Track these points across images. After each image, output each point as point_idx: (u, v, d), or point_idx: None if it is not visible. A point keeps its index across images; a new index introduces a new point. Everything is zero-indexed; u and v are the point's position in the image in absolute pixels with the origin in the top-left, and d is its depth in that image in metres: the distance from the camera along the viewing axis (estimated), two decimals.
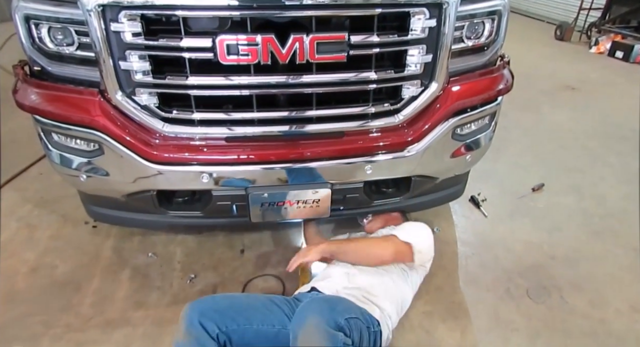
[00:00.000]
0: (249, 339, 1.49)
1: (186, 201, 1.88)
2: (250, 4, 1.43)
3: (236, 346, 1.48)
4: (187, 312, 1.48)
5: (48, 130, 1.73)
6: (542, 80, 5.13)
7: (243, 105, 1.64)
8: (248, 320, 1.50)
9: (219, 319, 1.46)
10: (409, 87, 1.74)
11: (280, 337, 1.51)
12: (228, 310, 1.51)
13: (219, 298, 1.62)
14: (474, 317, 1.93)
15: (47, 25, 1.53)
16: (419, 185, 1.95)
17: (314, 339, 1.30)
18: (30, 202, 2.61)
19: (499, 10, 1.82)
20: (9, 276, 2.07)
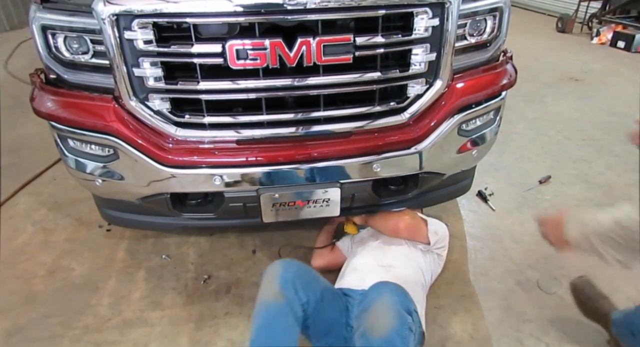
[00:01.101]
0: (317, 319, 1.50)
1: (199, 203, 1.92)
2: (258, 10, 1.47)
3: (310, 321, 1.48)
4: (280, 272, 1.46)
5: (64, 136, 1.78)
6: (545, 72, 5.13)
7: (252, 108, 1.68)
8: (326, 301, 1.51)
9: (309, 288, 1.46)
10: (414, 86, 1.77)
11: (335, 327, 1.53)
12: (314, 281, 1.52)
13: (304, 266, 1.59)
14: (486, 309, 1.96)
15: (63, 34, 1.58)
16: (427, 181, 1.98)
17: (387, 314, 1.32)
18: (45, 206, 2.66)
19: (500, 7, 1.85)
20: (27, 278, 2.12)
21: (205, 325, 1.88)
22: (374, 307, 1.35)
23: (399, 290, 1.44)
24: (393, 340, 1.28)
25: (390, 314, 1.32)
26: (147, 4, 1.45)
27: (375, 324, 1.31)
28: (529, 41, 6.56)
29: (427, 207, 2.42)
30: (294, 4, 1.47)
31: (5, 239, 2.40)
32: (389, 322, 1.30)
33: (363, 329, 1.34)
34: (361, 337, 1.33)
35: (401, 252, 1.88)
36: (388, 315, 1.32)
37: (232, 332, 1.84)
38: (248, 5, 1.45)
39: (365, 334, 1.32)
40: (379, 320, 1.32)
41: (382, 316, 1.32)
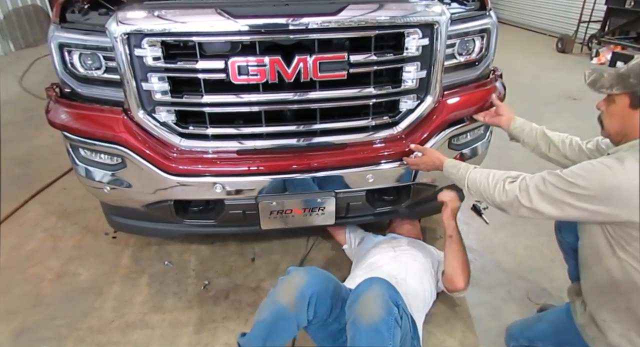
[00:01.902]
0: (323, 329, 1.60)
1: (201, 210, 2.01)
2: (261, 29, 1.59)
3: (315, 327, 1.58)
4: (302, 285, 1.51)
5: (76, 145, 1.89)
6: (543, 90, 5.24)
7: (252, 121, 1.79)
8: (334, 315, 1.58)
9: (324, 304, 1.53)
10: (406, 101, 1.88)
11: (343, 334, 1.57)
12: (332, 297, 1.57)
13: (325, 280, 1.61)
14: (475, 318, 2.02)
15: (78, 51, 1.71)
16: (419, 192, 2.07)
17: (374, 304, 1.39)
18: (54, 215, 2.77)
19: (488, 28, 1.96)
20: (35, 282, 2.21)
21: (204, 328, 1.95)
22: (363, 297, 1.43)
23: (387, 284, 1.51)
24: (380, 328, 1.35)
25: (378, 303, 1.39)
26: (156, 24, 1.57)
27: (364, 312, 1.38)
28: (528, 60, 6.70)
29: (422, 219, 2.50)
30: (297, 24, 1.59)
31: (15, 245, 2.50)
32: (377, 311, 1.37)
33: (353, 318, 1.41)
34: (351, 326, 1.40)
35: (415, 268, 1.91)
36: (376, 304, 1.39)
37: (229, 335, 1.91)
38: (253, 25, 1.57)
39: (354, 323, 1.39)
40: (367, 309, 1.39)
41: (370, 306, 1.39)
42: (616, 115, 1.35)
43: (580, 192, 1.26)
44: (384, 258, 1.95)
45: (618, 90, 1.31)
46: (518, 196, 1.39)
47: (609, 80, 1.33)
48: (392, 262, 1.91)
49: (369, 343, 1.35)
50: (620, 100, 1.32)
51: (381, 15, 1.67)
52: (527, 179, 1.40)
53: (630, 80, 1.28)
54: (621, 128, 1.34)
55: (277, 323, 1.49)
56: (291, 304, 1.48)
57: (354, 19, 1.63)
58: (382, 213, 2.12)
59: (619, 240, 1.29)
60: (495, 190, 1.47)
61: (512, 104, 2.15)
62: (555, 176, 1.32)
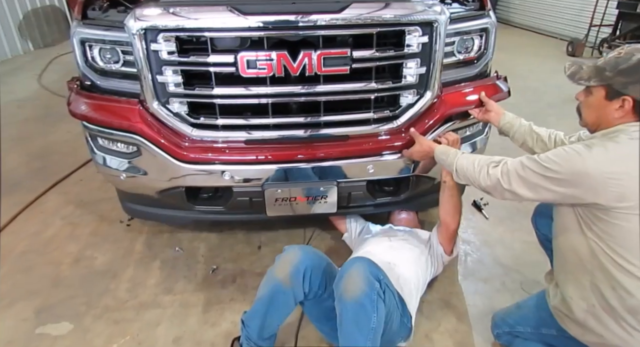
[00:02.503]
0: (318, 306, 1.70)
1: (210, 197, 2.13)
2: (267, 26, 1.70)
3: (310, 304, 1.68)
4: (296, 261, 1.62)
5: (94, 135, 2.02)
6: (550, 93, 5.28)
7: (260, 113, 1.90)
8: (329, 291, 1.67)
9: (317, 278, 1.64)
10: (406, 96, 1.97)
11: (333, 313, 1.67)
12: (323, 274, 1.68)
13: (317, 258, 1.72)
14: (470, 305, 2.09)
15: (99, 46, 1.83)
16: (418, 184, 2.16)
17: (357, 279, 1.49)
18: (72, 204, 2.91)
19: (487, 27, 2.05)
20: (55, 265, 2.34)
21: (212, 309, 2.06)
22: (346, 275, 1.52)
23: (369, 261, 1.61)
24: (363, 302, 1.45)
25: (360, 278, 1.49)
26: (171, 20, 1.69)
27: (347, 288, 1.48)
28: (538, 64, 6.73)
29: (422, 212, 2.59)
30: (302, 21, 1.70)
31: (36, 231, 2.64)
32: (359, 286, 1.47)
33: (339, 295, 1.51)
34: (338, 303, 1.51)
35: (408, 256, 2.00)
36: (358, 279, 1.49)
37: (236, 315, 2.01)
38: (262, 21, 1.68)
39: (340, 299, 1.49)
40: (351, 285, 1.48)
41: (353, 281, 1.49)
42: (593, 106, 1.44)
43: (554, 176, 1.36)
44: (380, 247, 2.04)
45: (595, 83, 1.40)
46: (500, 180, 1.49)
47: (587, 72, 1.42)
48: (387, 251, 2.00)
49: (354, 316, 1.45)
50: (597, 92, 1.41)
51: (383, 13, 1.77)
52: (509, 164, 1.50)
53: (607, 74, 1.36)
54: (597, 118, 1.43)
55: (274, 298, 1.61)
56: (286, 279, 1.59)
57: (357, 17, 1.73)
58: (382, 204, 2.22)
59: (586, 220, 1.39)
60: (480, 175, 1.57)
61: (519, 106, 2.23)
62: (533, 161, 1.42)
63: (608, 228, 1.34)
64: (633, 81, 1.32)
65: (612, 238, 1.34)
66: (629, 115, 1.36)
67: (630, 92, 1.33)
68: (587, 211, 1.38)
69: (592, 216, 1.37)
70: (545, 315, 1.62)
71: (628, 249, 1.32)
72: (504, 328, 1.80)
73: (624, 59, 1.35)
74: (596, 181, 1.29)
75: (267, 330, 1.65)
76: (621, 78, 1.34)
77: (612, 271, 1.36)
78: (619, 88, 1.35)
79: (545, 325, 1.64)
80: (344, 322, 1.48)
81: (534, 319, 1.69)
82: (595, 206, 1.33)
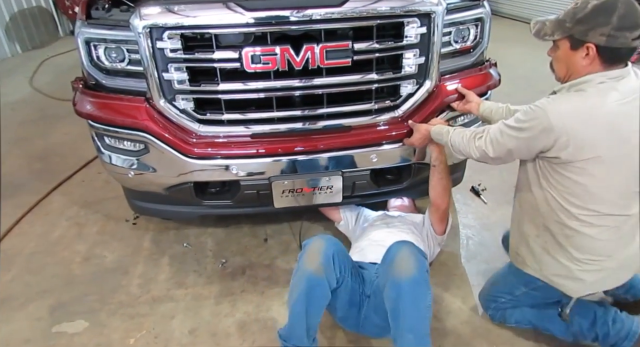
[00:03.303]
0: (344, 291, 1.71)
1: (218, 192, 2.17)
2: (270, 21, 1.74)
3: (338, 291, 1.69)
4: (323, 248, 1.64)
5: (101, 134, 2.04)
6: (542, 82, 5.34)
7: (264, 107, 1.94)
8: (352, 275, 1.73)
9: (343, 262, 1.68)
10: (406, 86, 2.02)
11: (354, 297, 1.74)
12: (347, 258, 1.73)
13: (340, 243, 1.75)
14: (474, 285, 2.16)
15: (104, 45, 1.85)
16: (420, 172, 2.22)
17: (410, 260, 1.55)
18: (76, 204, 2.93)
19: (482, 17, 2.10)
20: (65, 264, 2.38)
21: (224, 300, 2.11)
22: (398, 258, 1.57)
23: (412, 243, 1.68)
24: (418, 279, 1.51)
25: (413, 258, 1.55)
26: (175, 18, 1.72)
27: (402, 268, 1.53)
28: (528, 53, 6.79)
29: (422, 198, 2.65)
30: (300, 16, 1.74)
31: (43, 232, 2.66)
32: (414, 264, 1.53)
33: (392, 279, 1.54)
34: (392, 286, 1.53)
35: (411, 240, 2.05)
36: (411, 260, 1.55)
37: (248, 305, 2.07)
38: (265, 17, 1.72)
39: (394, 282, 1.52)
40: (405, 265, 1.53)
41: (407, 262, 1.54)
42: (561, 59, 1.51)
43: (527, 135, 1.47)
44: (381, 233, 2.12)
45: (558, 36, 1.48)
46: (485, 150, 1.61)
47: (550, 27, 1.50)
48: (388, 236, 2.07)
49: (412, 295, 1.50)
50: (562, 45, 1.49)
51: (382, 6, 1.80)
52: (490, 133, 1.60)
53: (567, 25, 1.44)
54: (567, 70, 1.51)
55: (311, 293, 1.59)
56: (319, 268, 1.59)
57: (357, 10, 1.77)
58: (385, 192, 2.27)
59: (545, 173, 1.54)
60: (469, 148, 1.67)
61: (512, 94, 2.29)
62: (508, 126, 1.54)
63: (562, 179, 1.49)
64: (591, 27, 1.39)
65: (564, 188, 1.50)
66: (596, 61, 1.42)
67: (591, 39, 1.39)
68: (548, 165, 1.52)
69: (550, 169, 1.51)
70: (512, 277, 1.82)
71: (575, 196, 1.49)
72: (491, 305, 1.91)
73: (580, 8, 1.42)
74: (560, 134, 1.39)
75: (312, 329, 1.63)
76: (580, 26, 1.41)
77: (560, 215, 1.54)
78: (580, 36, 1.42)
79: (515, 286, 1.81)
80: (402, 301, 1.50)
81: (506, 286, 1.85)
82: (555, 160, 1.46)
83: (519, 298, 1.82)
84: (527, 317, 1.84)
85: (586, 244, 1.54)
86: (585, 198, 1.48)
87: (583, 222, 1.51)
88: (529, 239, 1.68)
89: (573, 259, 1.57)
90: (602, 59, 1.41)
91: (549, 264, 1.63)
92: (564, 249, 1.58)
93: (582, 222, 1.51)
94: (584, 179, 1.45)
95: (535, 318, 1.82)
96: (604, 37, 1.37)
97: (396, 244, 1.68)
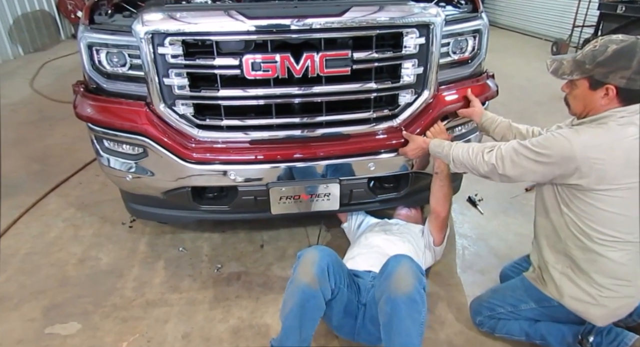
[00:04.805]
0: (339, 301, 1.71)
1: (215, 197, 2.18)
2: (270, 29, 1.76)
3: (333, 302, 1.68)
4: (317, 259, 1.62)
5: (100, 137, 2.05)
6: (537, 92, 5.41)
7: (263, 113, 1.95)
8: (347, 285, 1.72)
9: (338, 273, 1.68)
10: (404, 95, 2.04)
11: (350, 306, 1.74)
12: (341, 268, 1.73)
13: (334, 254, 1.74)
14: (469, 296, 2.16)
15: (106, 50, 1.87)
16: (417, 181, 2.23)
17: (408, 276, 1.55)
18: (73, 206, 2.93)
19: (480, 29, 2.13)
20: (60, 265, 2.37)
21: (219, 305, 2.11)
22: (397, 272, 1.57)
23: (411, 258, 1.67)
24: (414, 296, 1.51)
25: (411, 274, 1.55)
26: (177, 24, 1.74)
27: (400, 284, 1.53)
28: (524, 63, 6.89)
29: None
30: (305, 25, 1.76)
31: (39, 233, 2.66)
32: (411, 281, 1.53)
33: (388, 293, 1.54)
34: (387, 301, 1.52)
35: (406, 249, 2.08)
36: (409, 276, 1.55)
37: (242, 311, 2.07)
38: (265, 25, 1.74)
39: (390, 297, 1.52)
40: (403, 281, 1.53)
41: (405, 277, 1.54)
42: (579, 97, 1.55)
43: (545, 161, 1.50)
44: (377, 239, 2.13)
45: (577, 76, 1.52)
46: (495, 165, 1.61)
47: (568, 67, 1.54)
48: (385, 243, 2.09)
49: (408, 311, 1.50)
50: (581, 84, 1.53)
51: (381, 16, 1.83)
52: (502, 149, 1.61)
53: (587, 66, 1.48)
54: (585, 107, 1.55)
55: (306, 305, 1.57)
56: (313, 280, 1.58)
57: (357, 19, 1.80)
58: (383, 200, 2.29)
59: (565, 198, 1.57)
60: (476, 161, 1.68)
61: (508, 104, 2.31)
62: (525, 147, 1.55)
63: (583, 206, 1.52)
64: (612, 70, 1.43)
65: (585, 214, 1.53)
66: (614, 101, 1.47)
67: (612, 81, 1.44)
68: (567, 191, 1.54)
69: (571, 195, 1.54)
70: (522, 291, 1.82)
71: (596, 222, 1.52)
72: (485, 313, 1.90)
73: (600, 51, 1.46)
74: (582, 164, 1.43)
75: (305, 341, 1.61)
76: (601, 69, 1.45)
77: (582, 239, 1.56)
78: (601, 78, 1.46)
79: (523, 301, 1.81)
80: (397, 317, 1.50)
81: (512, 298, 1.84)
82: (577, 186, 1.49)
83: (521, 312, 1.81)
84: (524, 329, 1.83)
85: (610, 268, 1.54)
86: (607, 224, 1.50)
87: (606, 247, 1.53)
88: (548, 266, 1.70)
89: (596, 284, 1.57)
90: (621, 98, 1.46)
91: (570, 290, 1.63)
92: (587, 274, 1.58)
93: (605, 247, 1.53)
94: (605, 205, 1.48)
95: (533, 330, 1.82)
96: (624, 79, 1.42)
97: (395, 258, 1.68)
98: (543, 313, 1.78)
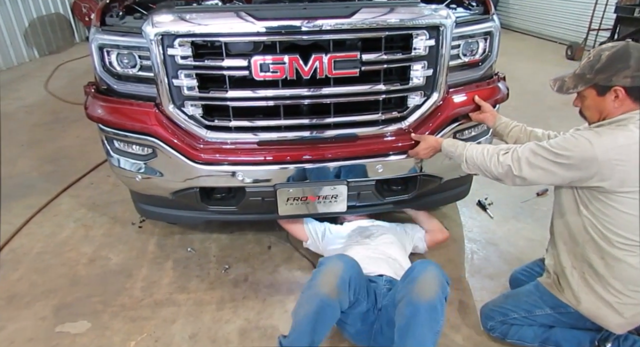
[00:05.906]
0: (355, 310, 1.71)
1: (223, 197, 2.19)
2: (279, 31, 1.76)
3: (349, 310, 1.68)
4: (340, 272, 1.61)
5: (111, 137, 2.07)
6: (551, 96, 5.31)
7: (272, 114, 1.96)
8: (364, 294, 1.72)
9: (359, 284, 1.68)
10: (413, 98, 2.03)
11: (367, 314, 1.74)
12: (362, 279, 1.73)
13: (357, 265, 1.74)
14: (478, 301, 2.14)
15: (117, 51, 1.89)
16: (425, 184, 2.21)
17: (432, 283, 1.54)
18: (84, 207, 2.97)
19: (491, 31, 2.11)
20: (71, 265, 2.40)
21: (226, 306, 2.11)
22: (422, 277, 1.56)
23: (438, 266, 1.65)
24: (436, 305, 1.50)
25: (436, 282, 1.54)
26: (187, 26, 1.75)
27: (423, 289, 1.52)
28: (538, 67, 6.81)
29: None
30: (313, 26, 1.76)
31: (50, 233, 2.70)
32: (435, 289, 1.52)
33: (409, 297, 1.52)
34: (407, 305, 1.52)
35: (396, 251, 2.12)
36: (434, 283, 1.54)
37: (249, 312, 2.07)
38: (274, 26, 1.74)
39: (412, 301, 1.51)
40: (427, 287, 1.52)
41: (429, 285, 1.53)
42: (591, 106, 1.56)
43: (564, 162, 1.48)
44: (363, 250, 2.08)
45: (582, 87, 1.53)
46: (511, 167, 1.59)
47: (571, 82, 1.56)
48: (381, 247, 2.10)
49: (428, 319, 1.49)
50: (589, 94, 1.54)
51: (391, 17, 1.83)
52: (519, 151, 1.59)
53: (588, 76, 1.51)
54: (600, 114, 1.54)
55: (322, 313, 1.57)
56: (334, 291, 1.57)
57: (367, 21, 1.79)
58: (390, 202, 2.27)
59: (584, 200, 1.54)
60: (491, 163, 1.66)
61: (521, 109, 2.29)
62: (543, 148, 1.53)
63: (603, 208, 1.50)
64: (613, 73, 1.45)
65: (605, 216, 1.51)
66: (627, 101, 1.47)
67: (616, 82, 1.46)
68: (587, 192, 1.52)
69: (590, 196, 1.51)
70: (537, 297, 1.79)
71: (616, 225, 1.49)
72: (497, 318, 1.87)
73: (595, 60, 1.49)
74: (604, 166, 1.42)
75: (315, 344, 1.59)
76: (602, 75, 1.47)
77: (601, 243, 1.53)
78: (605, 83, 1.48)
79: (538, 306, 1.77)
80: (415, 322, 1.49)
81: (527, 303, 1.81)
82: (598, 188, 1.47)
83: (536, 318, 1.78)
84: (538, 335, 1.79)
85: (629, 273, 1.52)
86: (627, 227, 1.49)
87: (626, 251, 1.51)
88: (565, 271, 1.67)
89: (614, 290, 1.55)
90: (633, 97, 1.46)
91: (588, 296, 1.61)
92: (605, 280, 1.56)
93: (624, 251, 1.51)
94: (626, 208, 1.47)
95: (548, 337, 1.78)
96: (628, 78, 1.43)
97: (422, 263, 1.67)
98: (558, 319, 1.75)
